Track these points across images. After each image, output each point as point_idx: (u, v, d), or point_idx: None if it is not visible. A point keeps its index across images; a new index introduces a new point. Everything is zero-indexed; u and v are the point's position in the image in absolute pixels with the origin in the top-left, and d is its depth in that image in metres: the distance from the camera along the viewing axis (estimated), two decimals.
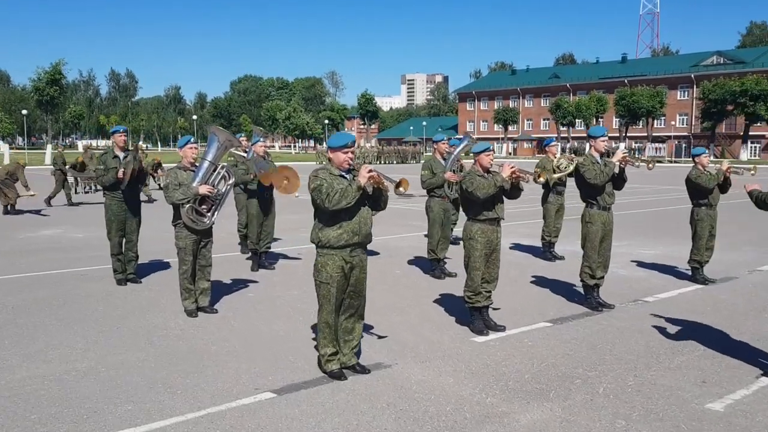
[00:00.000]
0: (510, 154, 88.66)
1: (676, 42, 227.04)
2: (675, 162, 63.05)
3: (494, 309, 6.86)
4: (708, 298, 8.04)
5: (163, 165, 20.63)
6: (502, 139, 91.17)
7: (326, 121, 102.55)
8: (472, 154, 6.51)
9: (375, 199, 5.26)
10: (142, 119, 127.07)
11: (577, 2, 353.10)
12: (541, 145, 12.47)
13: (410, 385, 5.10)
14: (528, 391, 5.01)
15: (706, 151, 8.94)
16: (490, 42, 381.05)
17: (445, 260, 9.44)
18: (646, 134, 76.58)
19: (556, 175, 9.94)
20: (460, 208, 7.24)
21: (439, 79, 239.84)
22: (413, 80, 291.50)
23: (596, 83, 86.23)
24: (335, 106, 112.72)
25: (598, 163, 7.35)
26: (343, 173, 5.18)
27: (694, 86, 78.62)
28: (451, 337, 6.38)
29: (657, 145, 78.20)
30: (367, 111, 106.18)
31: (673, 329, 6.65)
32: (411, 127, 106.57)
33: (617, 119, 78.12)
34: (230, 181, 7.33)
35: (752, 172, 8.58)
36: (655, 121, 76.58)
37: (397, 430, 4.32)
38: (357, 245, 5.18)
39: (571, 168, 9.23)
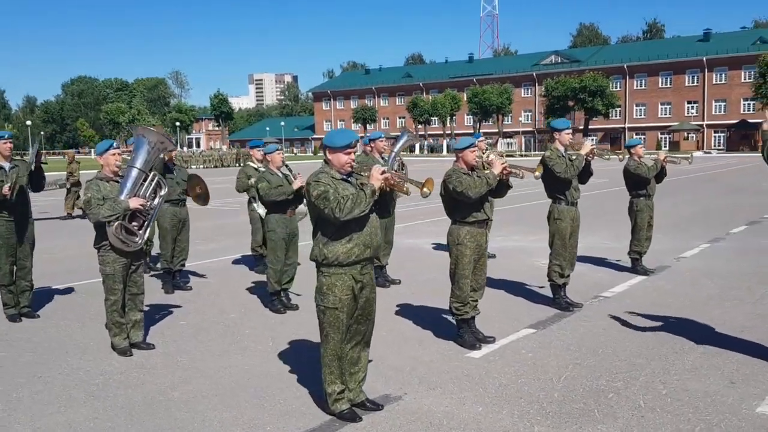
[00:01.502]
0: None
1: (515, 42, 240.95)
2: (525, 156, 66.23)
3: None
4: (661, 290, 8.00)
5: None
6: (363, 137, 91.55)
7: (177, 124, 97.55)
8: (454, 151, 5.88)
9: (383, 204, 4.50)
10: None
11: (422, 3, 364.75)
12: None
13: (439, 420, 4.40)
14: (570, 413, 4.48)
15: (641, 142, 8.96)
16: (340, 42, 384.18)
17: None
18: (497, 130, 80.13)
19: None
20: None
21: (288, 78, 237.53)
22: (261, 80, 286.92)
23: (447, 82, 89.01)
24: (182, 107, 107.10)
25: (563, 156, 7.02)
26: (345, 177, 4.38)
27: (536, 84, 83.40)
28: (442, 355, 5.73)
29: (507, 140, 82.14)
30: (222, 112, 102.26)
31: (656, 325, 6.44)
32: (267, 128, 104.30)
33: (470, 116, 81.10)
34: (163, 192, 6.19)
35: (689, 160, 8.71)
36: (504, 117, 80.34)
37: None
38: (368, 260, 4.40)
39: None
